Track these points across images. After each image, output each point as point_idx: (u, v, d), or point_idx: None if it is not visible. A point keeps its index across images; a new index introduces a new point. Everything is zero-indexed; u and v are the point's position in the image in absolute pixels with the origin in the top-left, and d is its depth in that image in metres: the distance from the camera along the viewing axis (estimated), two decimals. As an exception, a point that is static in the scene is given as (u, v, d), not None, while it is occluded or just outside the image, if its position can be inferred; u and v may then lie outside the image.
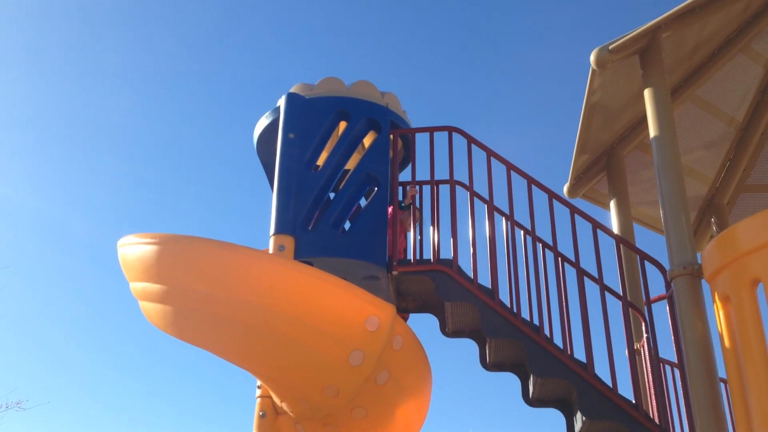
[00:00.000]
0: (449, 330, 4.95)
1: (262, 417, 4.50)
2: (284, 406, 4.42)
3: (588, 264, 4.51)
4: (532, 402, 4.59)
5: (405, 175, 5.31)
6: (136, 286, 4.34)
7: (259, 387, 4.63)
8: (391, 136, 5.11)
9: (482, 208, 4.79)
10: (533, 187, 4.73)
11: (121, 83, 19.86)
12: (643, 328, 4.41)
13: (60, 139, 20.30)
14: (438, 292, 4.58)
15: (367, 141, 5.34)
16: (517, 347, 4.47)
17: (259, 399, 4.58)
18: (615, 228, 5.69)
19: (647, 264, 4.43)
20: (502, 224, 4.76)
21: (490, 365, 4.79)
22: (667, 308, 4.20)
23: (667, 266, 4.17)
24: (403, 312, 5.02)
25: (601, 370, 4.21)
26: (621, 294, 4.37)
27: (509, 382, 4.79)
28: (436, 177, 4.96)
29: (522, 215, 4.76)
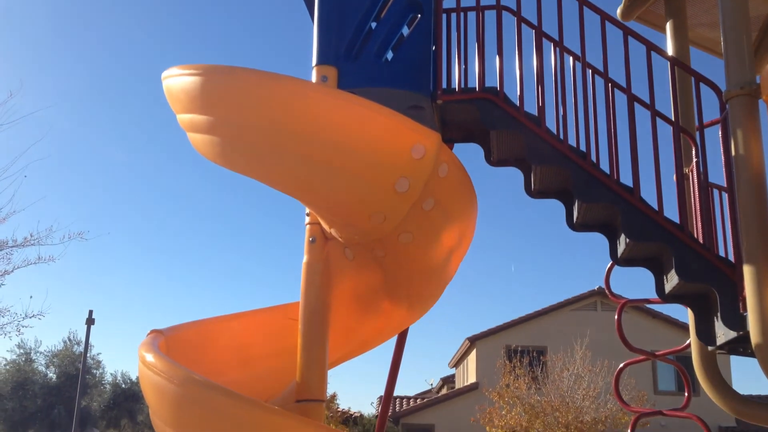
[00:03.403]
0: (494, 159, 4.94)
1: (312, 242, 4.67)
2: (333, 231, 4.57)
3: (640, 90, 4.39)
4: (576, 227, 4.64)
5: (449, 2, 5.11)
6: (183, 118, 4.39)
7: (307, 214, 4.76)
8: (435, -40, 4.86)
9: (530, 35, 4.63)
10: (584, 9, 4.52)
11: None
12: (693, 152, 4.34)
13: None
14: (483, 120, 4.54)
15: (410, -35, 5.09)
16: (563, 174, 4.47)
17: (308, 226, 4.74)
18: (670, 51, 5.46)
19: (702, 87, 4.28)
20: (551, 51, 4.61)
21: (534, 192, 4.82)
22: (720, 132, 4.11)
23: (723, 89, 4.04)
24: (448, 142, 5.01)
25: (648, 196, 4.22)
26: (672, 119, 4.27)
27: (554, 209, 4.84)
28: (482, 2, 4.76)
29: (572, 41, 4.60)
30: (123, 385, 28.66)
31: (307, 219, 4.77)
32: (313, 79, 4.58)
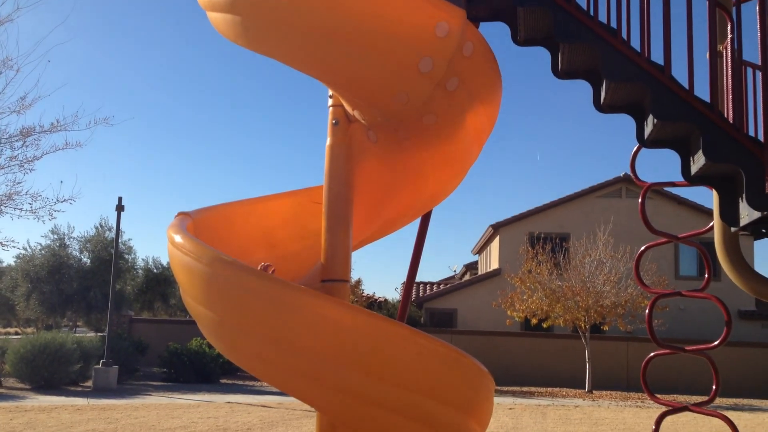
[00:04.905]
0: (521, 38, 4.78)
1: (335, 125, 4.65)
2: (356, 114, 4.54)
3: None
4: (604, 108, 4.55)
5: None
6: (203, -3, 4.28)
7: (330, 96, 4.72)
8: None
9: None
10: None
11: None
12: (729, 28, 4.17)
13: None
14: (510, -4, 4.37)
15: None
16: (591, 52, 4.33)
17: (331, 108, 4.70)
18: None
19: (742, -43, 4.06)
20: None
21: (562, 73, 4.69)
22: (757, 7, 3.93)
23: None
24: (474, 20, 4.85)
25: (679, 74, 4.10)
26: (708, -7, 4.08)
27: (581, 90, 4.74)
28: None
29: None
30: (155, 270, 29.59)
31: (330, 101, 4.72)
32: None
